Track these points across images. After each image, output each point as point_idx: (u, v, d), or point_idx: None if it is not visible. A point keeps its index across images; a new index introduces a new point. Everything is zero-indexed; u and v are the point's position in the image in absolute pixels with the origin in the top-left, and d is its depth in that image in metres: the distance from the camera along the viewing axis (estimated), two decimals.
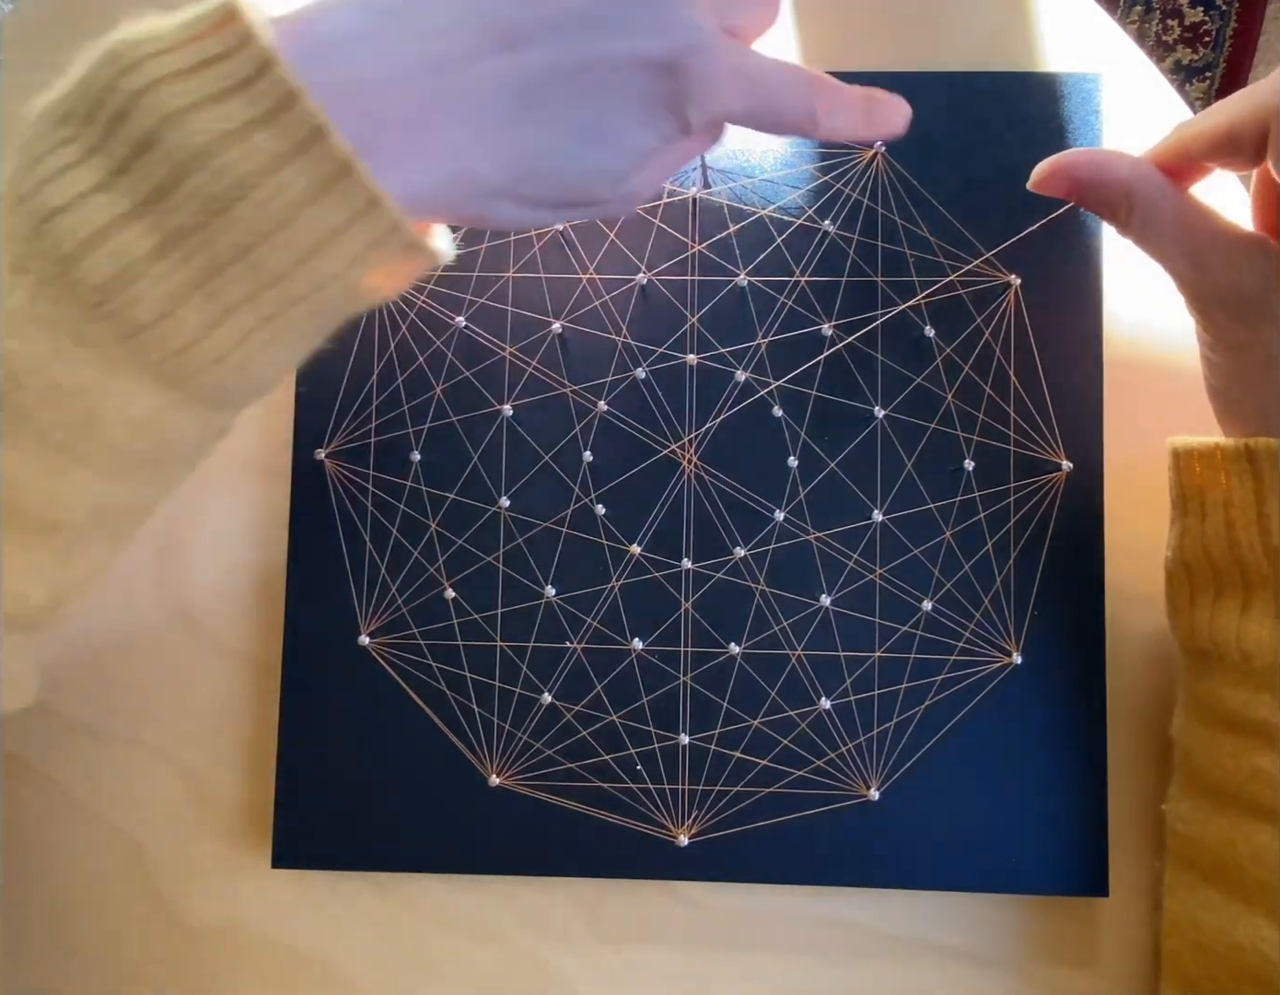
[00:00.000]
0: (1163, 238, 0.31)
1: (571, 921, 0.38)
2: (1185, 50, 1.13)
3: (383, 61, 0.24)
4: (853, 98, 0.29)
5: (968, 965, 0.37)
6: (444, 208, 0.26)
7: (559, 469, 0.38)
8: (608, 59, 0.25)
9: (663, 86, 0.25)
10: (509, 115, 0.25)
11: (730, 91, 0.26)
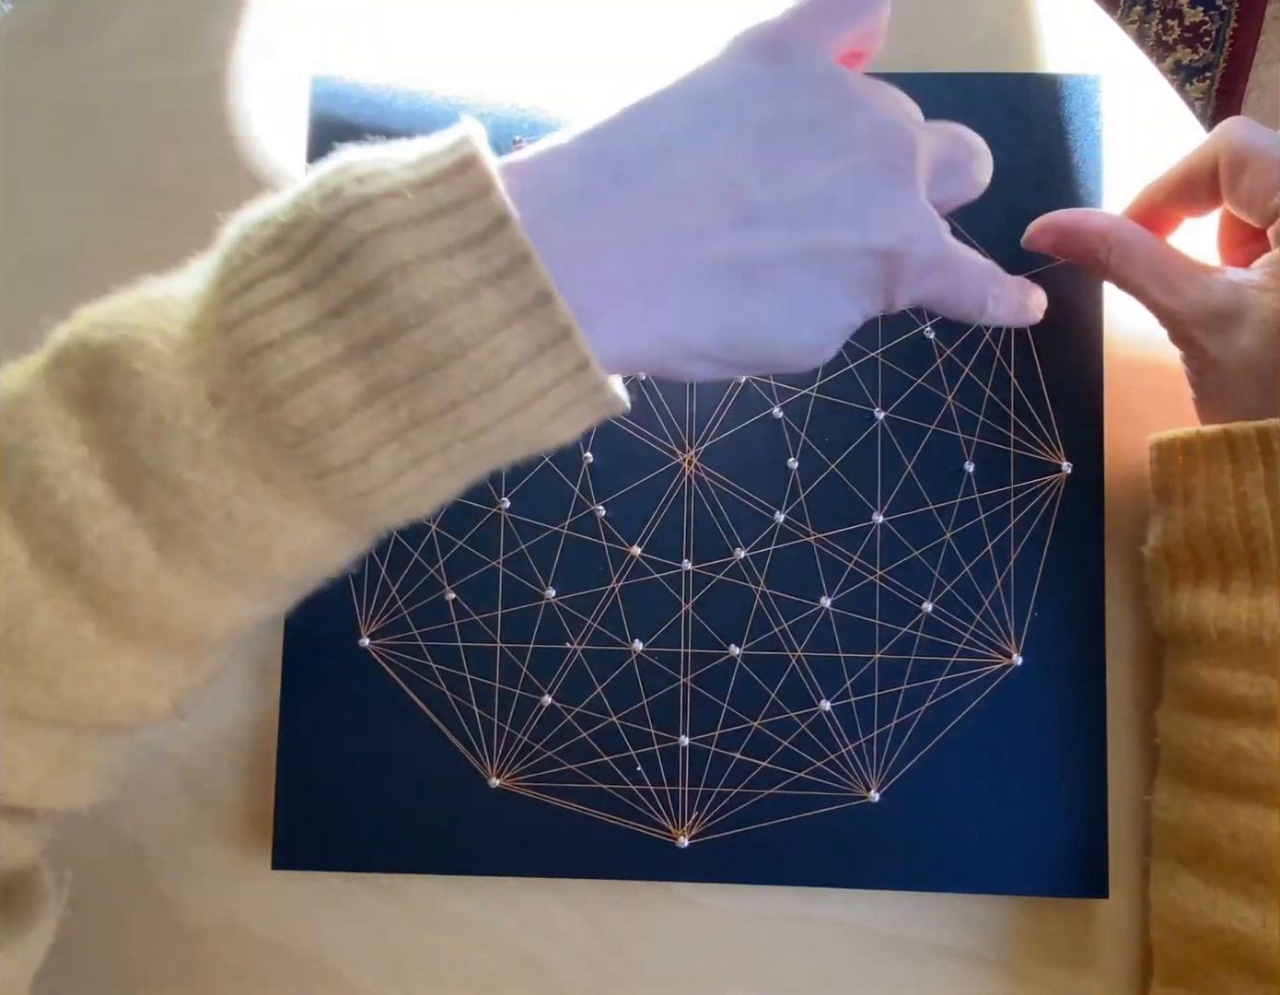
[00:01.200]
0: (1137, 270, 0.33)
1: (571, 922, 0.38)
2: (1185, 50, 1.13)
3: (618, 226, 0.23)
4: (1013, 290, 0.30)
5: (967, 966, 0.37)
6: (646, 365, 0.26)
7: (559, 470, 0.38)
8: (840, 246, 0.25)
9: (881, 270, 0.26)
10: (733, 289, 0.25)
11: (934, 277, 0.27)
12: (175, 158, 0.41)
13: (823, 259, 0.25)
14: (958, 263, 0.28)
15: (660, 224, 0.24)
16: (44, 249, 0.41)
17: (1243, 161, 0.32)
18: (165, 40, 0.41)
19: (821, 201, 0.25)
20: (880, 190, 0.25)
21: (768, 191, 0.24)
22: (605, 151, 0.24)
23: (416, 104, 0.39)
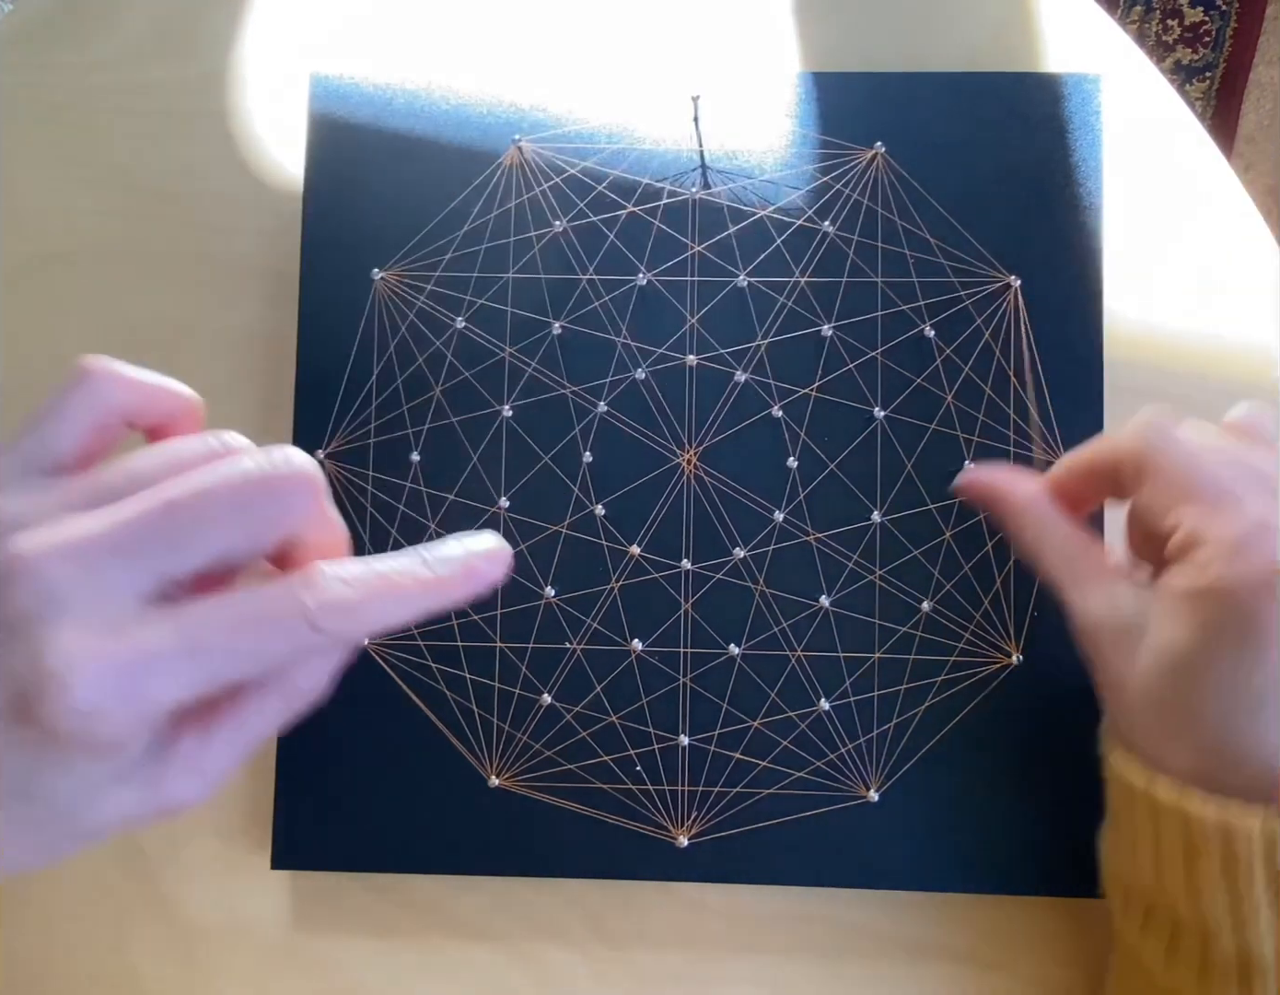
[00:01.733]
0: (1047, 559, 0.32)
1: (571, 922, 0.38)
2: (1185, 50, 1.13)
3: None
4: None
5: (967, 966, 0.37)
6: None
7: (558, 470, 0.38)
8: None
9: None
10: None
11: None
12: (175, 158, 0.41)
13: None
14: (176, 656, 0.22)
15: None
16: (44, 249, 0.41)
17: (1143, 472, 0.30)
18: (165, 40, 0.41)
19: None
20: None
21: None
22: None
23: (416, 103, 0.39)
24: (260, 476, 0.23)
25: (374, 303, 0.39)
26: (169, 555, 0.22)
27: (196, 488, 0.22)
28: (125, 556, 0.22)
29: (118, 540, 0.22)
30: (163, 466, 0.24)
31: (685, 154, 0.39)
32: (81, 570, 0.21)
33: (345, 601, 0.23)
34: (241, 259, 0.40)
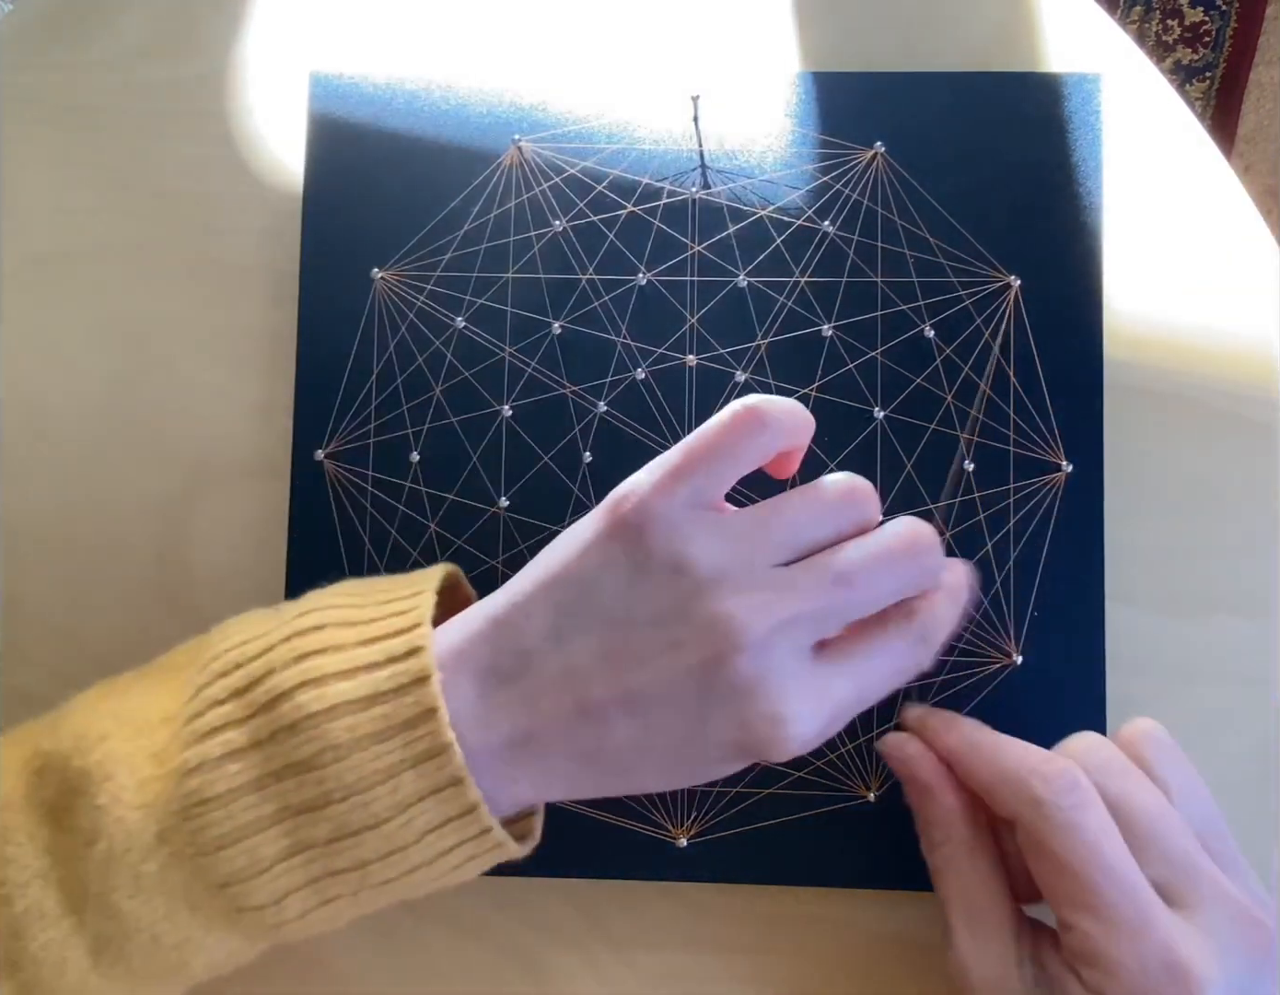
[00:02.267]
0: (947, 892, 0.32)
1: (571, 922, 0.38)
2: (1185, 50, 1.13)
3: (508, 717, 0.27)
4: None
5: None
6: (538, 802, 0.30)
7: (558, 470, 0.38)
8: (686, 740, 0.27)
9: (741, 751, 0.28)
10: (602, 771, 0.28)
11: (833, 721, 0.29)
12: (175, 158, 0.41)
13: (672, 750, 0.27)
14: (853, 702, 0.28)
15: (532, 719, 0.27)
16: (44, 249, 0.41)
17: (1038, 847, 0.29)
18: (165, 40, 0.41)
19: (661, 700, 0.27)
20: (716, 687, 0.26)
21: (608, 690, 0.27)
22: (497, 649, 0.27)
23: (416, 102, 0.39)
24: (910, 557, 0.28)
25: (374, 303, 0.39)
26: (839, 623, 0.28)
27: (868, 566, 0.27)
28: (816, 628, 0.27)
29: (816, 615, 0.27)
30: (826, 525, 0.28)
31: (685, 154, 0.39)
32: (789, 642, 0.27)
33: (945, 629, 0.29)
34: (241, 259, 0.40)
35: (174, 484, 0.40)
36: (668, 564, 0.27)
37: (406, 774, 0.26)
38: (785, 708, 0.26)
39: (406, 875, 0.27)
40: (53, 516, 0.40)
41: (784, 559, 0.28)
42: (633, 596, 0.27)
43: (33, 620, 0.39)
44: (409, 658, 0.26)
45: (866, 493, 0.29)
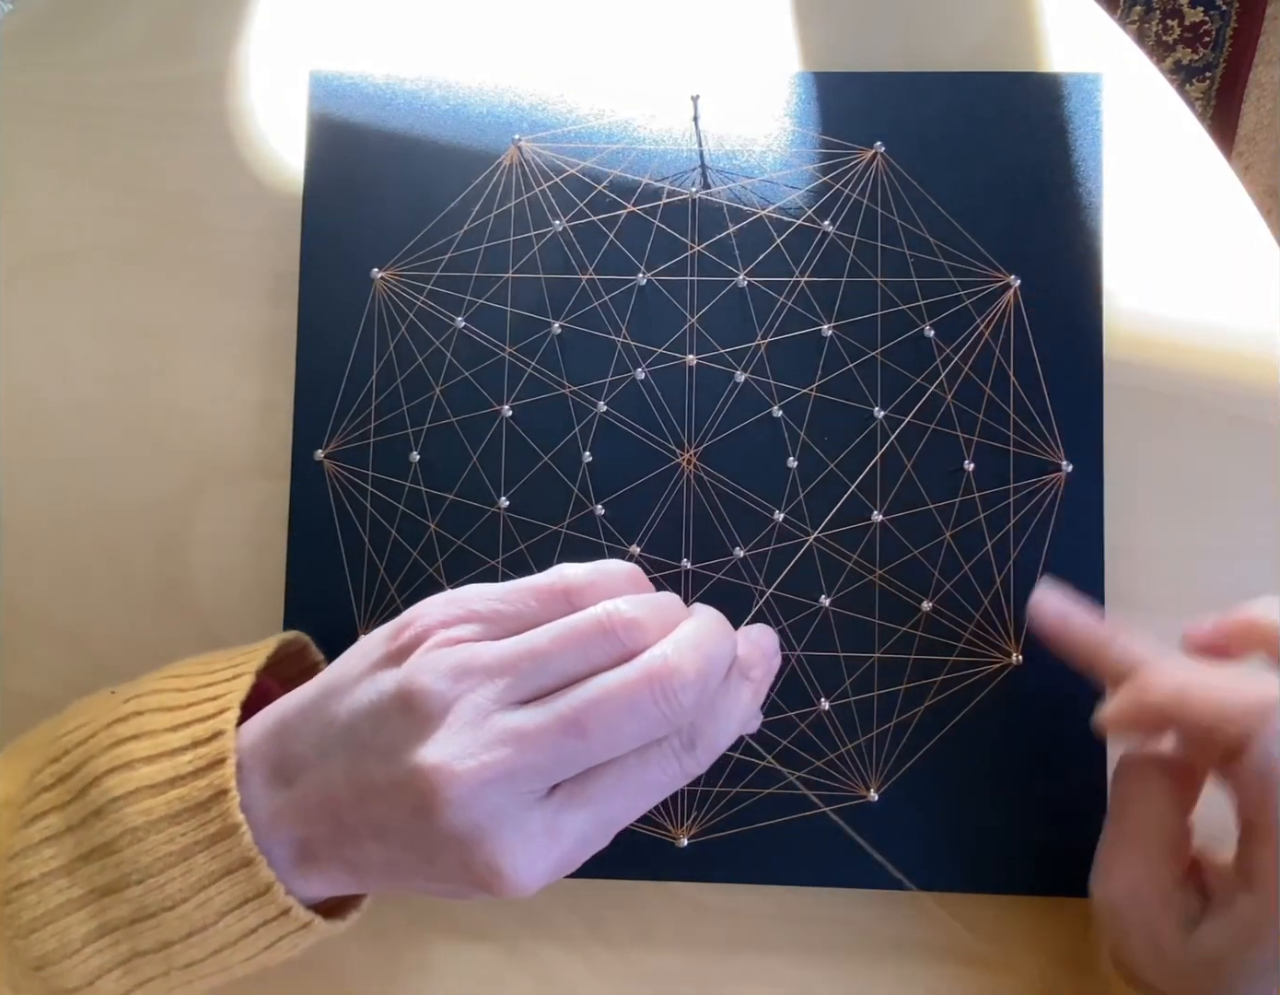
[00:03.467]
0: (1130, 820, 0.31)
1: (571, 922, 0.38)
2: (1185, 50, 1.13)
3: (308, 823, 0.27)
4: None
5: (968, 965, 0.37)
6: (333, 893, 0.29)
7: (558, 470, 0.38)
8: (415, 872, 0.28)
9: (470, 887, 0.28)
10: (364, 882, 0.29)
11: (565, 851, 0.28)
12: (175, 158, 0.41)
13: (422, 875, 0.27)
14: (596, 832, 0.27)
15: (305, 828, 0.28)
16: (44, 249, 0.41)
17: (1238, 756, 0.28)
18: (165, 40, 0.41)
19: (396, 833, 0.27)
20: (432, 833, 0.26)
21: (355, 816, 0.27)
22: (281, 750, 0.28)
23: (415, 102, 0.39)
24: (658, 704, 0.26)
25: (374, 302, 0.39)
26: (574, 769, 0.26)
27: (607, 712, 0.26)
28: (543, 776, 0.26)
29: (541, 767, 0.26)
30: (578, 659, 0.27)
31: (685, 154, 0.39)
32: (507, 792, 0.26)
33: (712, 751, 0.28)
34: (241, 259, 0.40)
35: (174, 484, 0.40)
36: (400, 697, 0.26)
37: (199, 856, 0.27)
38: (502, 858, 0.26)
39: (214, 955, 0.28)
40: (53, 516, 0.40)
41: (528, 695, 0.27)
42: (374, 725, 0.27)
43: (33, 621, 0.39)
44: (211, 742, 0.28)
45: (625, 622, 0.27)
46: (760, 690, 0.30)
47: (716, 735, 0.28)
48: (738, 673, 0.29)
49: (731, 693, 0.29)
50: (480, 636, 0.27)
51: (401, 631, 0.28)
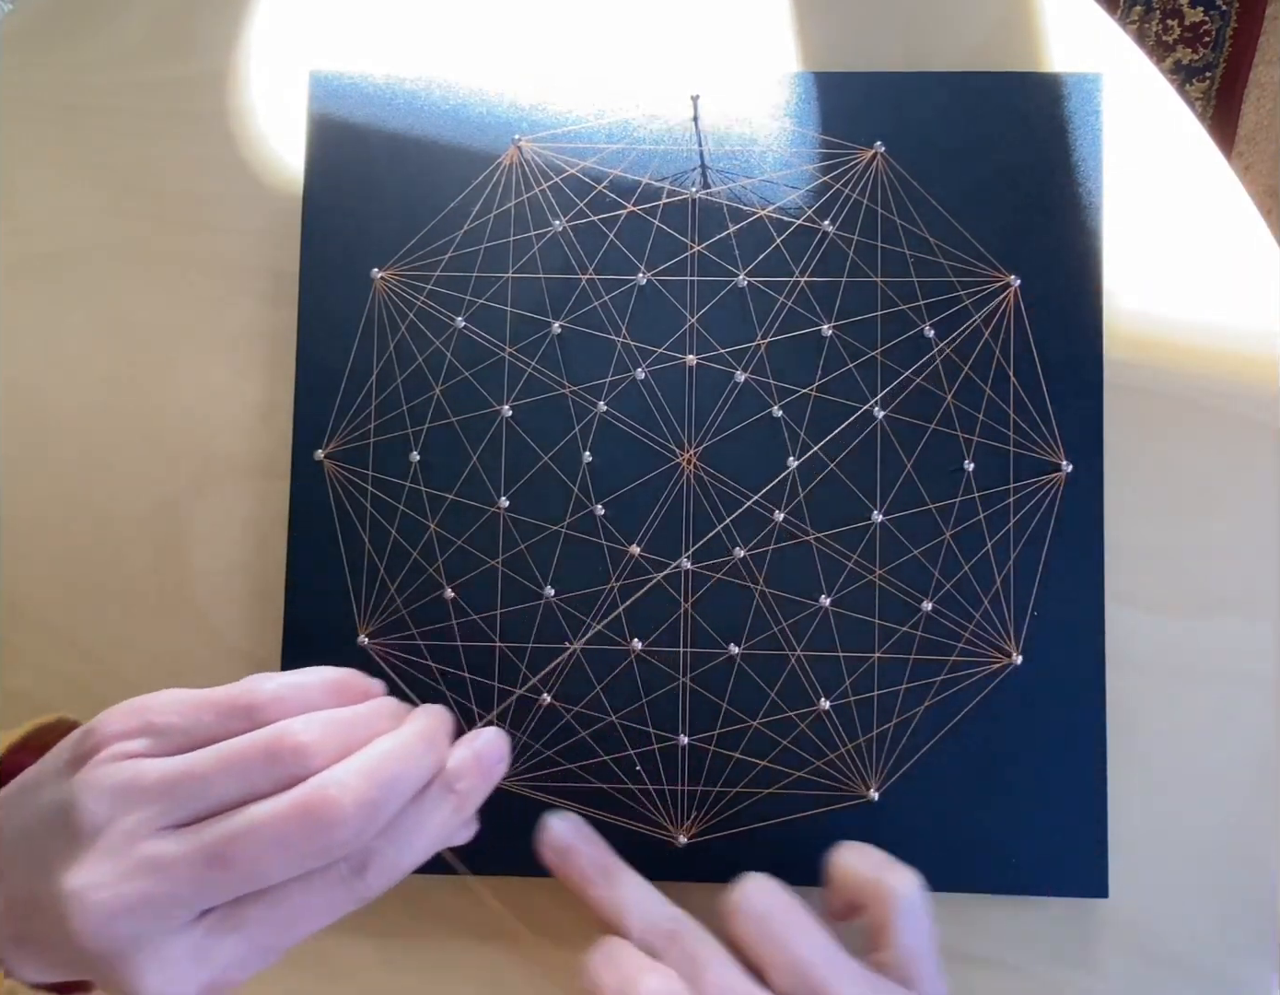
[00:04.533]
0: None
1: (570, 922, 0.38)
2: (1185, 50, 1.13)
3: (10, 889, 0.26)
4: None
5: (968, 965, 0.37)
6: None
7: (558, 469, 0.38)
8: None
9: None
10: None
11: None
12: (175, 158, 0.41)
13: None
14: (252, 956, 0.27)
15: (5, 917, 0.27)
16: (44, 249, 0.41)
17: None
18: (165, 40, 0.41)
19: (54, 948, 0.26)
20: (80, 954, 0.26)
21: (26, 924, 0.26)
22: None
23: (415, 102, 0.39)
24: (307, 833, 0.25)
25: (374, 302, 0.39)
26: (223, 898, 0.26)
27: (252, 845, 0.25)
28: (186, 905, 0.25)
29: (182, 897, 0.25)
30: (237, 785, 0.26)
31: (685, 154, 0.39)
32: (147, 919, 0.25)
33: (388, 873, 0.28)
34: (241, 259, 0.40)
35: (174, 484, 0.40)
36: (63, 811, 0.26)
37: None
38: (139, 983, 0.25)
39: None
40: (53, 516, 0.40)
41: (184, 819, 0.26)
42: (43, 834, 0.26)
43: (32, 621, 0.39)
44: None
45: (293, 747, 0.26)
46: (467, 803, 0.29)
47: (396, 858, 0.27)
48: (440, 787, 0.28)
49: (424, 812, 0.28)
50: (152, 751, 0.27)
51: (85, 738, 0.27)
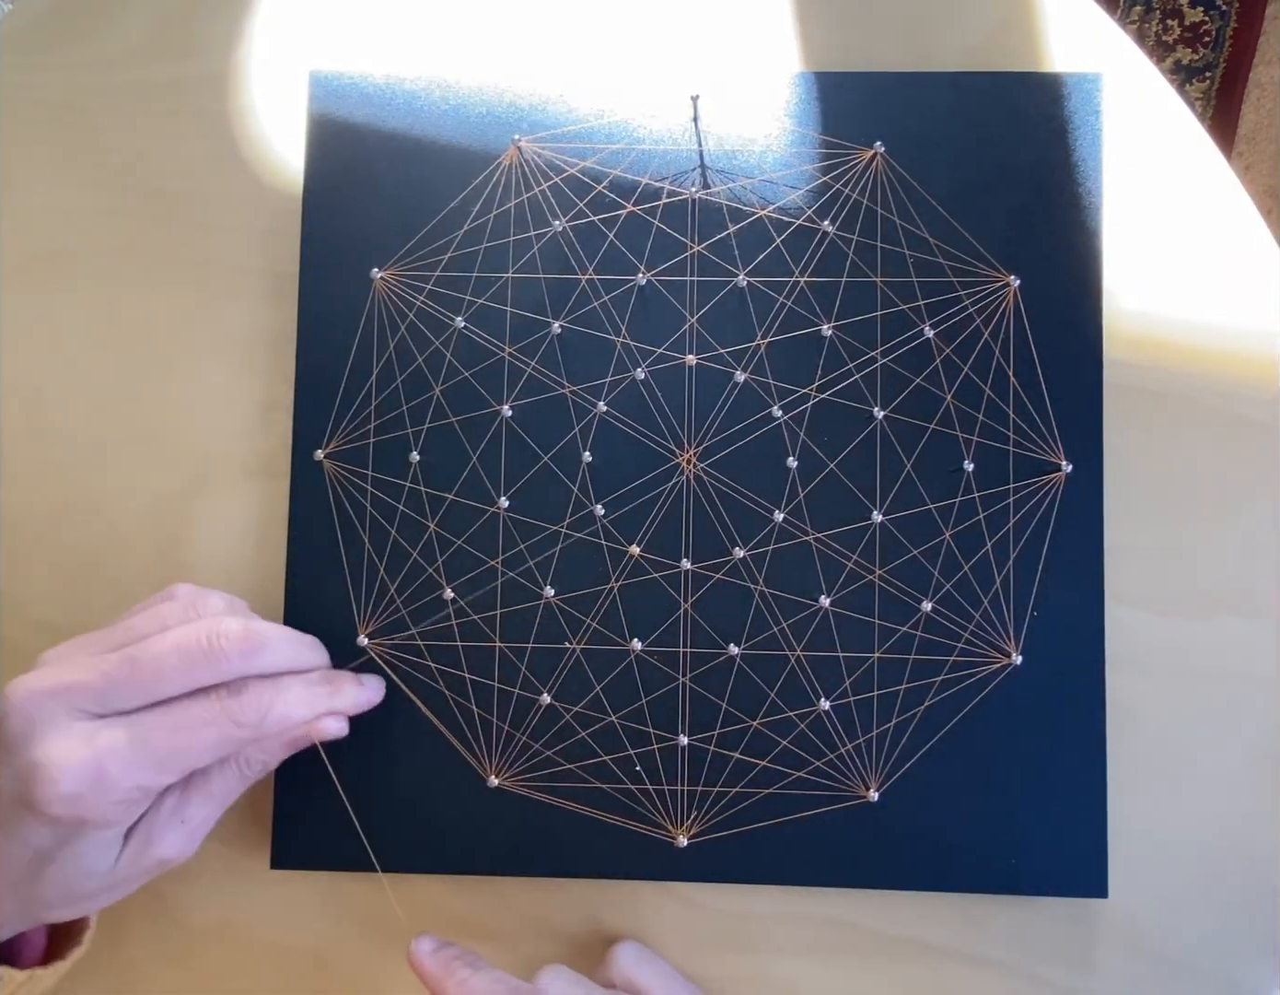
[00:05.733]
0: None
1: (571, 922, 0.38)
2: (1185, 50, 1.13)
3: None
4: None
5: (967, 965, 0.37)
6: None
7: (558, 470, 0.38)
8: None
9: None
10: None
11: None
12: (175, 158, 0.41)
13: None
14: (129, 748, 0.30)
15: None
16: (44, 249, 0.41)
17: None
18: (165, 40, 0.41)
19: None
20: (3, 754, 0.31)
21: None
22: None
23: (415, 102, 0.39)
24: (202, 648, 0.31)
25: (373, 302, 0.39)
26: (129, 700, 0.31)
27: (158, 653, 0.31)
28: (97, 699, 0.30)
29: (94, 687, 0.30)
30: (151, 627, 0.32)
31: (685, 154, 0.39)
32: (60, 706, 0.30)
33: (260, 703, 0.32)
34: (241, 259, 0.40)
35: (174, 484, 0.40)
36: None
37: None
38: (39, 754, 0.30)
39: None
40: (53, 516, 0.40)
41: (109, 651, 0.31)
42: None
43: (33, 620, 0.39)
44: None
45: (201, 601, 0.33)
46: (339, 694, 0.35)
47: (273, 696, 0.32)
48: (320, 676, 0.35)
49: (301, 679, 0.34)
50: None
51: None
